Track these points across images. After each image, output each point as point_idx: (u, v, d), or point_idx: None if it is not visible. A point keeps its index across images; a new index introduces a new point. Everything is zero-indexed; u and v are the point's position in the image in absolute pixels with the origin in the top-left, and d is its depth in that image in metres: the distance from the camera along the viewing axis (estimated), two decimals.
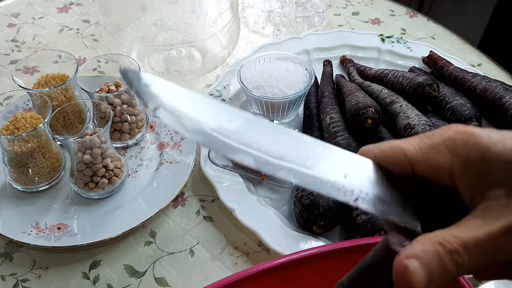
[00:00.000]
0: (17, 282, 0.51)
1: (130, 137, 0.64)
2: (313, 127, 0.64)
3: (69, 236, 0.53)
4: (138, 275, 0.52)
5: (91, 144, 0.54)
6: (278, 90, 0.65)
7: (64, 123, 0.62)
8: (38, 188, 0.58)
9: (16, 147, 0.54)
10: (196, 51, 0.78)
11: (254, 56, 0.70)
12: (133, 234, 0.56)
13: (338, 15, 0.93)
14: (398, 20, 0.92)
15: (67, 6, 0.93)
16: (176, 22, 0.78)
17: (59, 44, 0.84)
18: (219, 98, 0.70)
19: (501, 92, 0.62)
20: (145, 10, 0.79)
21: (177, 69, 0.76)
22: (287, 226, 0.55)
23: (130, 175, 0.61)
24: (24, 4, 0.93)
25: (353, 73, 0.74)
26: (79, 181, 0.56)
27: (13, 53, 0.82)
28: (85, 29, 0.88)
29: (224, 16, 0.74)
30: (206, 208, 0.59)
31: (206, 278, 0.52)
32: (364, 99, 0.60)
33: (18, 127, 0.54)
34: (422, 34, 0.88)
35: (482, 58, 0.82)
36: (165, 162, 0.62)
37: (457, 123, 0.60)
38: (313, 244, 0.52)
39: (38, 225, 0.54)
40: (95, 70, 0.76)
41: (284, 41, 0.79)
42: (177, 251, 0.55)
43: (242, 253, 0.55)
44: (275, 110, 0.66)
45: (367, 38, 0.81)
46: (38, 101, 0.59)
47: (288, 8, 0.87)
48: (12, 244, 0.55)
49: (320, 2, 0.88)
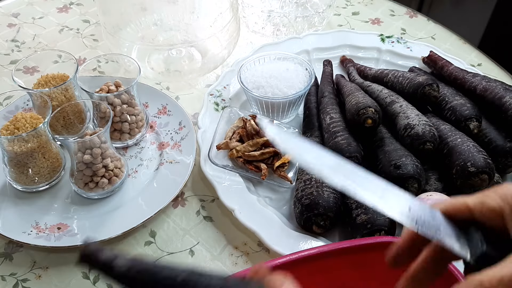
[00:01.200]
0: (17, 282, 0.51)
1: (130, 137, 0.64)
2: (313, 127, 0.64)
3: (69, 236, 0.53)
4: None
5: (91, 144, 0.54)
6: (278, 90, 0.65)
7: (64, 123, 0.62)
8: (38, 188, 0.58)
9: (16, 147, 0.54)
10: (196, 51, 0.78)
11: (254, 56, 0.70)
12: (133, 234, 0.56)
13: (338, 15, 0.93)
14: (398, 20, 0.92)
15: (67, 6, 0.93)
16: (176, 22, 0.78)
17: (59, 44, 0.84)
18: (219, 98, 0.70)
19: (501, 92, 0.62)
20: (145, 10, 0.79)
21: (177, 69, 0.76)
22: (287, 226, 0.55)
23: (130, 175, 0.61)
24: (24, 4, 0.93)
25: (353, 73, 0.74)
26: (79, 181, 0.56)
27: (13, 53, 0.82)
28: (85, 29, 0.88)
29: (224, 16, 0.74)
30: (206, 208, 0.59)
31: None
32: (364, 99, 0.60)
33: (18, 127, 0.54)
34: (422, 34, 0.88)
35: (482, 58, 0.82)
36: (165, 162, 0.62)
37: (457, 123, 0.60)
38: (313, 244, 0.52)
39: (38, 225, 0.54)
40: (95, 70, 0.76)
41: (284, 41, 0.79)
42: (177, 251, 0.55)
43: (242, 253, 0.55)
44: (275, 110, 0.66)
45: (367, 38, 0.81)
46: (38, 101, 0.59)
47: (288, 8, 0.87)
48: (12, 244, 0.55)
49: (320, 2, 0.88)
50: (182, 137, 0.65)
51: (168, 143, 0.65)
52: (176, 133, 0.66)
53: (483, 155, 0.54)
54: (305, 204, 0.53)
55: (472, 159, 0.53)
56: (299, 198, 0.54)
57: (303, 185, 0.55)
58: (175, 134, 0.66)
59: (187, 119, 0.66)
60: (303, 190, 0.55)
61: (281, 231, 0.54)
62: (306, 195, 0.54)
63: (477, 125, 0.60)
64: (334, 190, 0.54)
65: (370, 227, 0.50)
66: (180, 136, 0.65)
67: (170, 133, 0.66)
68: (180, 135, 0.65)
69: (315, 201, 0.52)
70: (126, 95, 0.61)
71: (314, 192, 0.53)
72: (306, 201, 0.53)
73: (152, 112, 0.69)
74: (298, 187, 0.56)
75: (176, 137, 0.65)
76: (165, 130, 0.67)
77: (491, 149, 0.59)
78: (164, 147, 0.65)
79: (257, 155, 0.60)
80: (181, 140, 0.65)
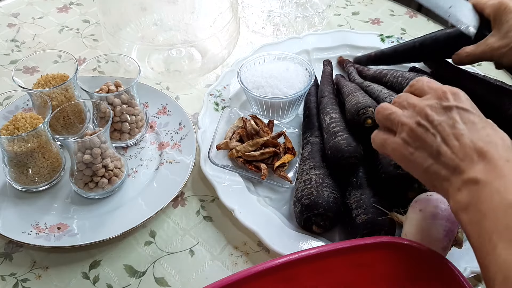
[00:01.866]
0: (17, 282, 0.51)
1: (130, 137, 0.64)
2: (313, 127, 0.64)
3: (69, 236, 0.53)
4: (138, 275, 0.52)
5: (91, 144, 0.54)
6: (278, 90, 0.65)
7: (64, 123, 0.62)
8: (38, 188, 0.58)
9: (16, 147, 0.54)
10: (196, 51, 0.78)
11: (254, 56, 0.70)
12: (133, 234, 0.56)
13: (338, 15, 0.93)
14: (398, 20, 0.92)
15: (67, 6, 0.93)
16: (176, 22, 0.78)
17: (59, 44, 0.84)
18: (219, 98, 0.70)
19: (500, 92, 0.62)
20: (145, 10, 0.79)
21: (177, 69, 0.76)
22: (287, 226, 0.55)
23: (130, 175, 0.61)
24: (24, 4, 0.93)
25: (353, 73, 0.74)
26: (79, 181, 0.56)
27: (13, 53, 0.82)
28: (85, 29, 0.88)
29: (224, 16, 0.74)
30: (206, 208, 0.59)
31: (206, 278, 0.52)
32: (364, 99, 0.60)
33: (18, 127, 0.54)
34: (422, 34, 0.87)
35: None
36: (165, 162, 0.62)
37: None
38: (313, 244, 0.52)
39: (38, 225, 0.54)
40: (95, 70, 0.76)
41: (284, 41, 0.79)
42: (177, 251, 0.55)
43: (242, 253, 0.55)
44: (275, 110, 0.66)
45: (367, 38, 0.81)
46: (38, 101, 0.59)
47: (288, 8, 0.87)
48: (12, 244, 0.55)
49: (320, 2, 0.88)
50: (182, 137, 0.65)
51: (168, 143, 0.65)
52: (176, 133, 0.66)
53: None
54: (305, 204, 0.53)
55: None
56: (299, 198, 0.54)
57: (303, 185, 0.55)
58: (175, 134, 0.66)
59: (187, 119, 0.66)
60: (303, 190, 0.55)
61: (281, 231, 0.54)
62: (306, 195, 0.54)
63: None
64: (334, 190, 0.54)
65: (370, 227, 0.50)
66: (180, 136, 0.65)
67: (170, 133, 0.66)
68: (180, 135, 0.65)
69: (315, 201, 0.52)
70: (126, 95, 0.61)
71: (314, 192, 0.53)
72: (306, 201, 0.53)
73: (152, 112, 0.69)
74: (298, 187, 0.56)
75: (176, 137, 0.65)
76: (165, 130, 0.67)
77: None
78: (164, 147, 0.65)
79: (257, 155, 0.60)
80: (181, 140, 0.65)
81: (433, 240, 0.45)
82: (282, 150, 0.61)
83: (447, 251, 0.46)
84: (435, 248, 0.43)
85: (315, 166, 0.57)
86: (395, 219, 0.51)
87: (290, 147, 0.61)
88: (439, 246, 0.45)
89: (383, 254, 0.42)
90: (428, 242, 0.44)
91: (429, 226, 0.45)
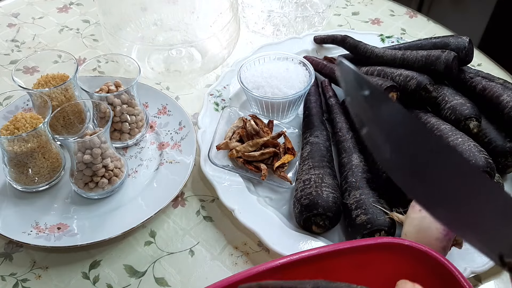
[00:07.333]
0: (17, 282, 0.51)
1: (130, 137, 0.64)
2: (313, 127, 0.64)
3: (69, 236, 0.53)
4: (138, 275, 0.52)
5: (91, 144, 0.54)
6: (278, 90, 0.65)
7: (64, 123, 0.62)
8: (38, 188, 0.58)
9: (16, 147, 0.54)
10: (196, 51, 0.78)
11: (254, 56, 0.70)
12: (133, 234, 0.56)
13: (338, 15, 0.93)
14: (398, 20, 0.92)
15: (67, 6, 0.93)
16: (176, 22, 0.78)
17: (59, 44, 0.84)
18: (219, 98, 0.70)
19: (500, 90, 0.62)
20: (145, 10, 0.79)
21: (177, 69, 0.76)
22: (287, 226, 0.55)
23: (130, 175, 0.61)
24: (24, 4, 0.93)
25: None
26: (79, 181, 0.56)
27: (13, 53, 0.82)
28: (85, 29, 0.88)
29: (224, 16, 0.74)
30: (206, 208, 0.59)
31: (206, 278, 0.52)
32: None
33: (18, 127, 0.54)
34: (422, 34, 0.88)
35: (482, 58, 0.82)
36: (165, 162, 0.62)
37: (457, 122, 0.60)
38: (313, 244, 0.52)
39: (38, 225, 0.54)
40: (95, 70, 0.76)
41: (284, 41, 0.79)
42: (177, 251, 0.55)
43: (242, 253, 0.55)
44: (275, 110, 0.66)
45: (367, 38, 0.81)
46: (38, 101, 0.59)
47: (288, 8, 0.87)
48: (12, 244, 0.55)
49: (320, 2, 0.88)
50: (182, 137, 0.65)
51: (168, 143, 0.65)
52: (176, 133, 0.66)
53: (484, 155, 0.54)
54: (304, 204, 0.53)
55: (473, 158, 0.53)
56: (299, 198, 0.54)
57: (302, 185, 0.55)
58: (175, 134, 0.66)
59: (187, 119, 0.66)
60: (302, 190, 0.55)
61: (281, 231, 0.54)
62: (305, 195, 0.54)
63: (477, 124, 0.60)
64: (333, 190, 0.54)
65: (370, 227, 0.50)
66: (180, 136, 0.65)
67: (170, 133, 0.66)
68: (180, 135, 0.65)
69: (314, 201, 0.52)
70: (126, 95, 0.61)
71: (313, 192, 0.53)
72: (305, 201, 0.53)
73: (152, 112, 0.69)
74: (297, 187, 0.56)
75: (176, 137, 0.65)
76: (165, 130, 0.67)
77: (491, 149, 0.59)
78: (164, 147, 0.65)
79: (257, 156, 0.60)
80: (181, 140, 0.65)
81: (433, 240, 0.45)
82: (282, 150, 0.61)
83: (447, 251, 0.46)
84: (435, 248, 0.43)
85: (314, 166, 0.57)
86: (395, 219, 0.51)
87: (290, 147, 0.61)
88: (439, 246, 0.45)
89: (384, 255, 0.42)
90: (428, 242, 0.44)
91: (429, 226, 0.45)
